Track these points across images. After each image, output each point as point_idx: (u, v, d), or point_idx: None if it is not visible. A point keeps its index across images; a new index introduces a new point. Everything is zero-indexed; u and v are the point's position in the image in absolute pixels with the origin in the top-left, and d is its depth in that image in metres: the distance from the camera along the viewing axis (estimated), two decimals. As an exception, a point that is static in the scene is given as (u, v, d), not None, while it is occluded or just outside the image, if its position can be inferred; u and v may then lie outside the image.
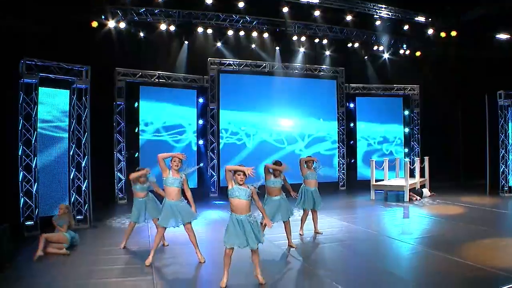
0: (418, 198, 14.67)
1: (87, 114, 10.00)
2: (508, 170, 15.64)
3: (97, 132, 11.29)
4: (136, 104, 14.70)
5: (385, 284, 6.07)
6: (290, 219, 8.01)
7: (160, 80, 15.12)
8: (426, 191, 15.52)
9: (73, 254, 7.62)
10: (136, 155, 14.70)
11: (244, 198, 5.69)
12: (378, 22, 17.10)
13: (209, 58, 16.09)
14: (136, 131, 14.68)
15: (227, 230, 5.75)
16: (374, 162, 15.63)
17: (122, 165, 14.51)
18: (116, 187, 14.38)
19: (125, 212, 12.15)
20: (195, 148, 16.00)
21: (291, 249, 7.95)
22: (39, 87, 9.37)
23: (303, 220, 9.09)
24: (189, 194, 6.91)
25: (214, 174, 16.19)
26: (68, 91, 9.98)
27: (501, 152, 15.84)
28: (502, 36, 17.70)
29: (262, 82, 17.16)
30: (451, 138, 19.89)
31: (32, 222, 9.04)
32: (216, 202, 14.69)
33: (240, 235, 5.62)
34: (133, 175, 8.01)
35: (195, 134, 16.07)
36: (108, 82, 13.88)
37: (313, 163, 9.00)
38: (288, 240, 8.09)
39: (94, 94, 10.35)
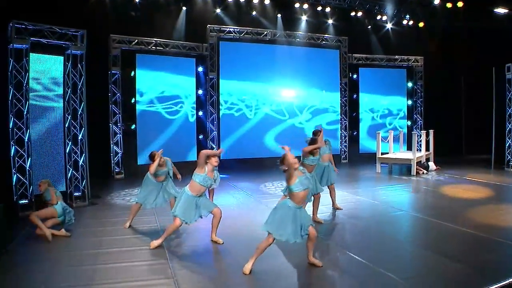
0: (425, 171, 14.39)
1: (83, 83, 9.23)
2: (513, 145, 15.27)
3: (91, 103, 10.53)
4: (132, 73, 13.83)
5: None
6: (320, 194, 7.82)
7: (158, 48, 14.23)
8: (432, 165, 15.20)
9: (74, 235, 6.95)
10: (133, 127, 13.95)
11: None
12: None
13: (209, 25, 15.20)
14: (133, 101, 13.86)
15: (281, 220, 5.20)
16: (380, 134, 15.21)
17: (119, 137, 13.79)
18: (112, 161, 13.67)
19: (123, 187, 11.68)
20: (192, 120, 15.24)
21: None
22: (30, 53, 8.51)
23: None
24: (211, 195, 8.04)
25: (214, 146, 15.56)
26: (62, 57, 9.16)
27: (508, 126, 15.43)
28: (500, 10, 17.14)
29: (263, 51, 16.41)
30: (454, 112, 19.48)
31: (27, 201, 8.36)
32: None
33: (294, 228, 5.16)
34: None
35: (194, 105, 15.32)
36: (102, 49, 12.97)
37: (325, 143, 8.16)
38: (313, 214, 7.68)
39: (87, 62, 9.55)
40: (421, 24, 18.83)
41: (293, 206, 5.19)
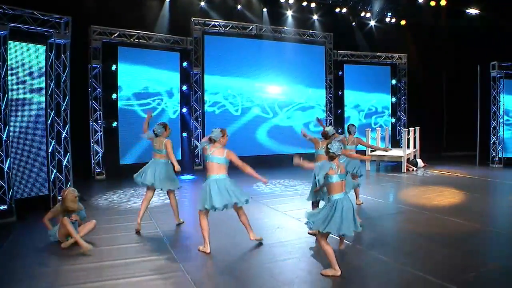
0: (414, 168, 14.27)
1: (67, 75, 8.41)
2: (498, 142, 15.33)
3: (70, 99, 9.61)
4: (113, 67, 12.96)
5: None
6: None
7: (140, 41, 13.42)
8: (420, 162, 15.08)
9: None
10: (114, 125, 13.08)
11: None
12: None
13: (193, 18, 14.50)
14: (114, 97, 12.99)
15: (333, 216, 4.74)
16: (369, 132, 14.95)
17: (99, 135, 12.91)
18: (92, 161, 12.77)
19: (105, 190, 10.71)
20: (174, 117, 14.41)
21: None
22: (9, 41, 7.63)
23: None
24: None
25: (199, 144, 14.82)
26: (44, 46, 8.30)
27: (492, 123, 15.48)
28: (472, 11, 17.28)
29: (249, 46, 15.87)
30: (437, 109, 19.49)
31: (6, 207, 7.42)
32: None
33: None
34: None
35: (178, 101, 14.57)
36: (82, 41, 12.06)
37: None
38: None
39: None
40: (403, 22, 18.76)
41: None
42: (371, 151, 14.22)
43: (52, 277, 4.91)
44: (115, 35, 12.86)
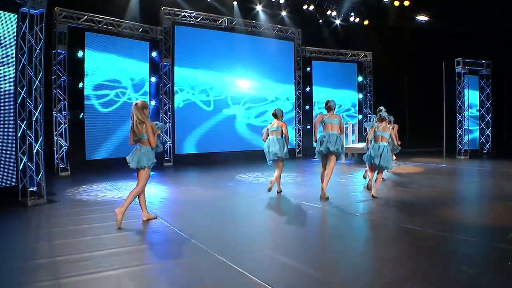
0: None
1: (41, 48, 7.64)
2: (464, 135, 15.76)
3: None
4: (80, 54, 12.15)
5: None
6: None
7: (109, 27, 12.74)
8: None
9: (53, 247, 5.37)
10: (81, 116, 12.23)
11: None
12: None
13: (163, 7, 13.94)
14: (81, 86, 12.16)
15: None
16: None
17: (63, 128, 12.00)
18: (56, 156, 11.84)
19: (71, 186, 9.68)
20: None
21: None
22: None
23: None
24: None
25: (168, 140, 14.26)
26: (15, 15, 7.52)
27: (458, 117, 15.91)
28: (422, 18, 17.93)
29: (220, 39, 15.50)
30: (401, 105, 19.85)
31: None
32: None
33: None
34: None
35: (147, 93, 13.92)
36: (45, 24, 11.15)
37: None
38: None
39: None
40: (366, 22, 19.06)
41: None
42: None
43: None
44: (83, 19, 12.12)
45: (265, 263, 4.22)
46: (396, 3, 17.51)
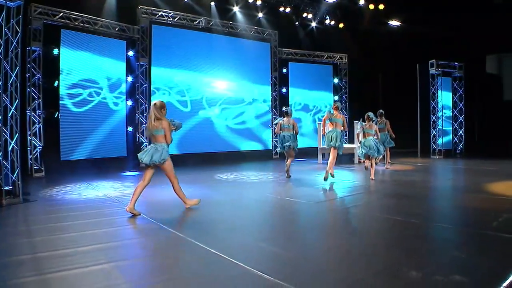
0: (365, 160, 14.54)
1: (18, 41, 7.42)
2: (438, 136, 16.12)
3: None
4: (56, 51, 11.86)
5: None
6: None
7: (85, 25, 12.47)
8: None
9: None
10: (56, 115, 11.92)
11: None
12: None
13: (140, 6, 13.79)
14: (56, 84, 11.86)
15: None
16: (321, 125, 15.00)
17: (38, 127, 11.66)
18: (29, 156, 11.48)
19: (47, 186, 9.36)
20: (115, 108, 13.48)
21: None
22: None
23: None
24: None
25: (145, 140, 14.04)
26: (-10, 8, 7.28)
27: (432, 118, 16.27)
28: (394, 23, 18.36)
29: (198, 39, 15.42)
30: (377, 106, 20.13)
31: None
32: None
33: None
34: None
35: (124, 93, 13.70)
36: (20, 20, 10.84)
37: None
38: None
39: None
40: (341, 25, 19.33)
41: None
42: None
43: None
44: (58, 16, 11.82)
45: (255, 252, 4.22)
46: (371, 7, 17.82)
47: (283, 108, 10.47)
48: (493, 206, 6.10)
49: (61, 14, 11.86)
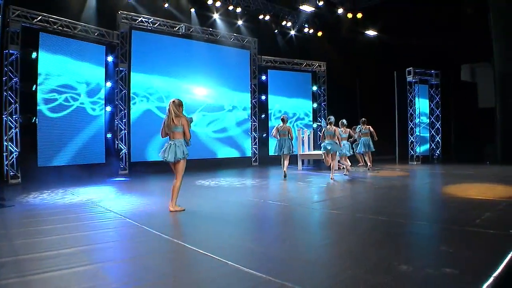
0: (345, 165, 14.70)
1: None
2: (415, 142, 16.41)
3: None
4: (34, 55, 11.64)
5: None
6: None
7: (64, 29, 12.30)
8: (348, 161, 15.54)
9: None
10: (33, 120, 11.67)
11: None
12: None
13: (120, 11, 13.70)
14: (34, 89, 11.63)
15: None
16: (301, 132, 15.18)
17: (14, 132, 11.39)
18: (5, 162, 11.17)
19: (24, 192, 9.11)
20: (94, 113, 13.30)
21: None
22: None
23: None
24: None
25: (124, 147, 13.89)
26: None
27: (409, 125, 16.55)
28: (370, 32, 18.79)
29: (178, 45, 15.41)
30: (356, 114, 20.40)
31: None
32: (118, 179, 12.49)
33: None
34: None
35: (102, 98, 13.51)
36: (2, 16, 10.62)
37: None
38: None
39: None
40: (319, 34, 19.59)
41: None
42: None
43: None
44: (37, 19, 11.63)
45: (244, 252, 4.23)
46: (349, 16, 18.12)
47: (281, 116, 11.88)
48: (474, 206, 6.22)
49: (40, 17, 11.68)
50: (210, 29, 16.36)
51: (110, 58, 13.68)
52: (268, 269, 3.49)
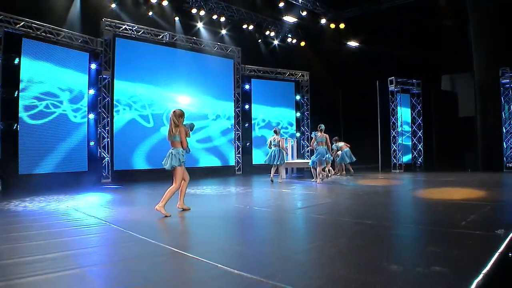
0: (329, 174, 14.79)
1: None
2: (398, 151, 16.61)
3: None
4: (16, 61, 11.47)
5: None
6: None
7: (48, 35, 12.17)
8: (331, 170, 15.65)
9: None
10: (14, 127, 11.47)
11: None
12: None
13: (104, 19, 13.64)
14: (16, 95, 11.44)
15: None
16: (284, 140, 15.22)
17: (-5, 140, 11.16)
18: (-15, 169, 10.95)
19: (5, 199, 8.90)
20: (76, 120, 13.13)
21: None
22: None
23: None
24: None
25: (107, 155, 13.75)
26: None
27: (392, 133, 16.77)
28: (352, 43, 19.14)
29: (161, 54, 15.38)
30: (338, 123, 20.63)
31: None
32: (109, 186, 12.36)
33: None
34: None
35: (85, 105, 13.38)
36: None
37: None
38: None
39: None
40: (302, 44, 19.82)
41: None
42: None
43: None
44: (20, 25, 11.48)
45: (233, 254, 4.22)
46: (332, 26, 18.37)
47: (274, 128, 12.94)
48: (459, 209, 6.32)
49: (23, 23, 11.54)
50: (194, 38, 16.39)
51: (93, 66, 13.57)
52: (259, 270, 3.48)
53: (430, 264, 3.42)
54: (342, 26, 18.54)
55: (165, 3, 15.11)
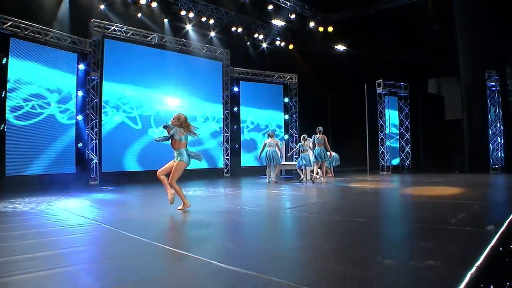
0: (317, 176, 14.84)
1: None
2: (386, 153, 16.76)
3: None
4: (4, 61, 11.33)
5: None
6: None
7: (36, 35, 12.05)
8: (320, 172, 15.70)
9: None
10: (1, 128, 11.32)
11: None
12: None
13: (93, 19, 13.55)
14: (3, 95, 11.30)
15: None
16: (280, 142, 15.31)
17: (-19, 141, 11.01)
18: (-30, 171, 10.79)
19: None
20: (64, 122, 13.03)
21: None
22: None
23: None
24: None
25: (95, 157, 13.63)
26: None
27: (380, 136, 16.91)
28: (340, 47, 19.31)
29: (150, 55, 15.31)
30: (327, 125, 20.68)
31: None
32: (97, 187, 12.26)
33: None
34: None
35: (73, 107, 13.28)
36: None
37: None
38: None
39: None
40: (291, 47, 19.91)
41: None
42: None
43: None
44: (8, 24, 11.35)
45: (226, 252, 4.22)
46: (321, 29, 18.49)
47: (268, 132, 13.72)
48: (448, 208, 6.41)
49: (11, 22, 11.41)
50: (183, 39, 16.37)
51: (81, 66, 13.47)
52: (254, 266, 3.48)
53: (423, 258, 3.46)
54: (330, 29, 18.66)
55: (154, 4, 15.07)
